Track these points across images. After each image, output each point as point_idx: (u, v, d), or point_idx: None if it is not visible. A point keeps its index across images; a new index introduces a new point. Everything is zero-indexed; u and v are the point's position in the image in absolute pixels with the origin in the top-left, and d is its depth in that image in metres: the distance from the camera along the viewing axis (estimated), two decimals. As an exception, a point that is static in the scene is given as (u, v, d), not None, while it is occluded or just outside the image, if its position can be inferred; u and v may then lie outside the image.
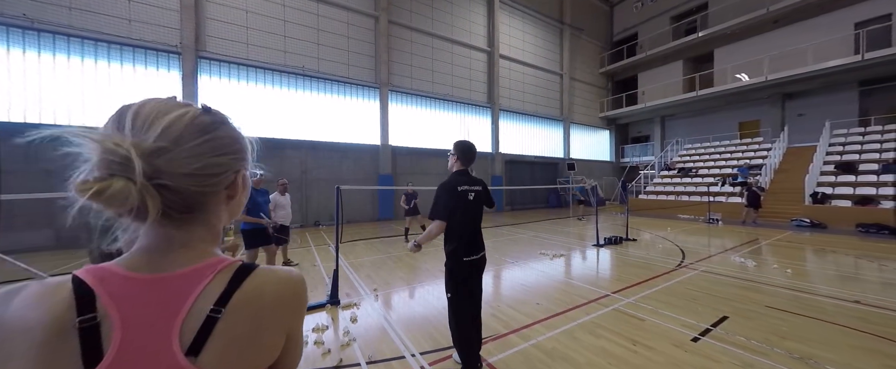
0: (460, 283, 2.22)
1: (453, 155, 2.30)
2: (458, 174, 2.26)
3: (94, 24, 8.21)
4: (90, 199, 0.39)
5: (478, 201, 2.25)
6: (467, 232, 2.18)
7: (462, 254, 2.15)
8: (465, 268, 2.19)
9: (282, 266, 3.98)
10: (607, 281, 4.45)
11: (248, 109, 10.26)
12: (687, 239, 7.74)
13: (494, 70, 15.80)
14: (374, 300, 3.83)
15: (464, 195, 2.16)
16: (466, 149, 2.27)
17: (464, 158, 2.26)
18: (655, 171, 17.34)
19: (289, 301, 0.51)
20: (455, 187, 2.15)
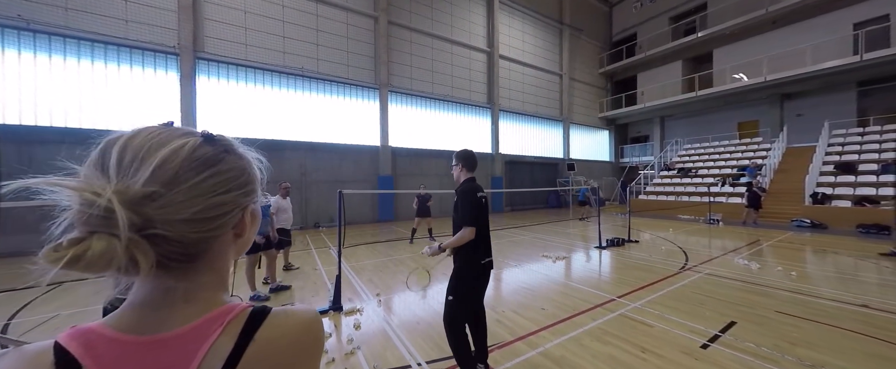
0: (471, 287, 2.22)
1: (457, 164, 2.34)
2: (471, 181, 2.32)
3: (91, 24, 8.12)
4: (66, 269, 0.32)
5: (487, 206, 2.32)
6: (485, 235, 2.25)
7: (481, 256, 2.21)
8: (481, 269, 2.23)
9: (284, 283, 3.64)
10: (612, 284, 4.42)
11: (246, 111, 10.17)
12: (689, 240, 7.72)
13: (494, 70, 15.77)
14: (377, 305, 3.78)
15: (481, 201, 2.23)
16: (470, 157, 2.34)
17: (469, 166, 2.33)
18: (655, 172, 17.36)
19: (308, 347, 0.45)
20: (476, 194, 2.21)
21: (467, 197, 2.17)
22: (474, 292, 2.25)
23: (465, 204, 2.16)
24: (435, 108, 14.20)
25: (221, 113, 9.79)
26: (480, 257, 2.20)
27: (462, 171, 2.32)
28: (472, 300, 2.25)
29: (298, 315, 0.46)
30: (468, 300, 2.22)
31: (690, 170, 15.55)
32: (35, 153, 7.45)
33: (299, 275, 5.17)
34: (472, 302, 2.25)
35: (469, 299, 2.22)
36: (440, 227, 9.55)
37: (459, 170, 2.33)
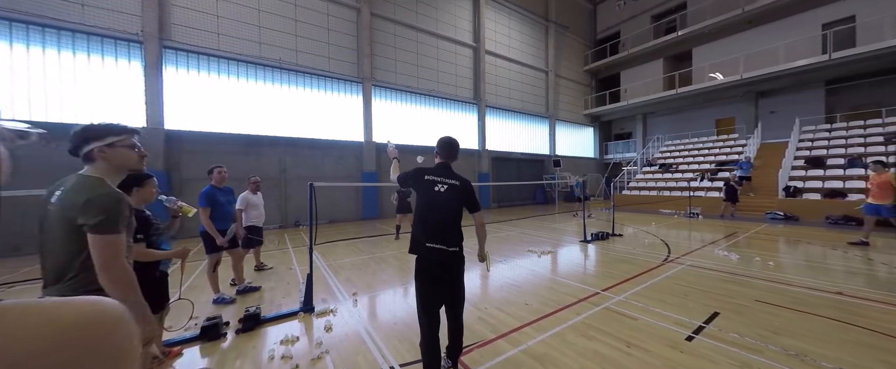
0: (422, 274, 2.04)
1: (435, 149, 2.31)
2: (438, 165, 2.25)
3: (40, 7, 7.43)
4: None
5: (450, 195, 2.11)
6: (431, 219, 2.06)
7: (423, 238, 2.03)
8: (426, 255, 2.02)
9: None
10: (596, 278, 4.35)
11: (220, 104, 9.63)
12: (670, 233, 7.83)
13: (480, 66, 15.63)
14: (352, 305, 3.55)
15: (430, 184, 2.13)
16: (444, 144, 2.25)
17: (441, 152, 2.25)
18: (638, 167, 17.70)
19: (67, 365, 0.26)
20: (423, 173, 2.16)
21: (416, 169, 2.22)
22: (423, 276, 2.05)
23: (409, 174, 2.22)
24: (420, 104, 13.94)
25: (192, 106, 9.23)
26: (424, 239, 2.03)
27: (435, 157, 2.29)
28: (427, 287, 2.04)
29: (55, 312, 0.27)
30: (420, 287, 2.05)
31: (671, 166, 15.92)
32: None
33: (271, 275, 4.86)
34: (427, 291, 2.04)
35: (421, 285, 2.05)
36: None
37: (433, 156, 2.31)
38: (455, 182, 2.14)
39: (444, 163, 2.23)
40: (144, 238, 2.10)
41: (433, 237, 2.02)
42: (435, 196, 2.08)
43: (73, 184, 1.26)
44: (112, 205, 1.23)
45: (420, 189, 2.12)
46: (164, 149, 8.65)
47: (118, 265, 1.21)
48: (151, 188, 2.21)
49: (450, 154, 2.22)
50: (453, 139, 2.26)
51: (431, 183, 2.11)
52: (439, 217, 2.06)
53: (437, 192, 2.09)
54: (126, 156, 1.40)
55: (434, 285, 2.03)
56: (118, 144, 1.35)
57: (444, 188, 2.11)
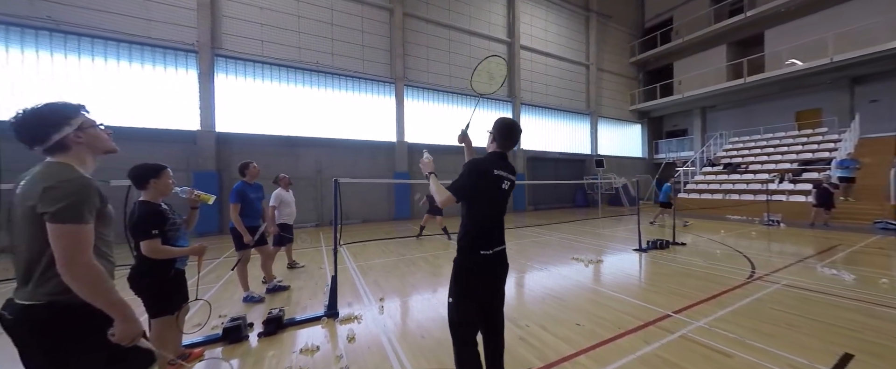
0: (468, 284, 1.69)
1: (490, 132, 1.84)
2: (495, 156, 1.80)
3: (116, 24, 8.31)
4: None
5: (508, 194, 1.79)
6: (489, 222, 1.71)
7: (479, 244, 1.67)
8: (481, 262, 1.67)
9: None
10: (663, 296, 3.62)
11: (263, 107, 10.13)
12: (747, 243, 6.61)
13: (515, 62, 14.96)
14: (378, 312, 3.26)
15: (498, 181, 1.71)
16: (507, 128, 1.79)
17: (502, 139, 1.80)
18: (696, 168, 15.75)
19: None
20: (490, 169, 1.70)
21: (473, 167, 1.68)
22: (474, 291, 1.69)
23: (463, 173, 1.67)
24: (452, 103, 13.64)
25: (239, 109, 9.79)
26: (479, 245, 1.67)
27: (491, 143, 1.84)
28: (475, 303, 1.69)
29: None
30: (469, 302, 1.67)
31: (739, 166, 13.90)
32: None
33: (302, 273, 4.79)
34: (474, 307, 1.69)
35: (470, 301, 1.68)
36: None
37: (489, 141, 1.85)
38: (514, 178, 1.81)
39: (501, 153, 1.81)
40: (160, 234, 1.95)
41: (494, 242, 1.71)
42: (499, 195, 1.72)
43: (37, 172, 1.07)
44: (75, 191, 1.02)
45: (487, 190, 1.69)
46: (215, 151, 9.24)
47: (81, 261, 1.01)
48: (167, 179, 2.07)
49: (511, 140, 1.79)
50: (516, 123, 1.81)
51: (499, 180, 1.71)
52: (498, 217, 1.77)
53: (502, 191, 1.73)
54: (98, 136, 1.19)
55: (485, 293, 1.74)
56: (86, 125, 1.15)
57: (507, 185, 1.74)
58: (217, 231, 8.92)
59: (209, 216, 8.80)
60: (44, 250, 1.02)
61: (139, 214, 1.92)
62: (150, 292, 1.94)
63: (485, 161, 1.74)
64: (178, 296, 2.09)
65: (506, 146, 1.79)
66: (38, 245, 1.02)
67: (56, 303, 1.03)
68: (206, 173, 9.00)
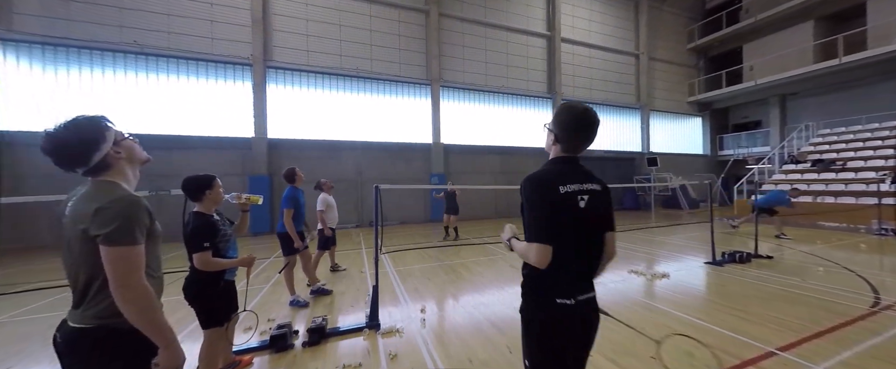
0: (543, 345, 1.19)
1: (549, 128, 1.29)
2: (560, 163, 1.26)
3: (186, 44, 9.29)
4: None
5: (593, 209, 1.20)
6: (565, 258, 1.16)
7: (553, 290, 1.17)
8: (559, 319, 1.17)
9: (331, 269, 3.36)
10: (760, 326, 2.98)
11: (308, 114, 10.68)
12: (857, 259, 5.42)
13: (555, 56, 14.16)
14: (420, 325, 3.11)
15: (569, 199, 1.17)
16: (574, 120, 1.22)
17: (567, 135, 1.23)
18: (774, 166, 13.61)
19: None
20: (553, 185, 1.17)
21: (532, 189, 1.18)
22: (556, 353, 1.20)
23: (528, 205, 1.18)
24: (489, 102, 13.29)
25: (287, 117, 10.44)
26: (556, 292, 1.17)
27: (553, 144, 1.29)
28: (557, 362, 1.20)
29: None
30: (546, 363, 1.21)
31: (834, 163, 11.71)
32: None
33: (344, 277, 4.84)
34: None
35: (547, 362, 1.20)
36: (471, 228, 8.62)
37: (550, 142, 1.30)
38: (596, 186, 1.24)
39: (568, 158, 1.26)
40: (211, 246, 1.96)
41: (576, 286, 1.19)
42: (579, 217, 1.18)
43: (85, 193, 1.05)
44: (127, 211, 0.99)
45: (557, 212, 1.17)
46: (267, 156, 9.94)
47: (135, 282, 0.99)
48: (219, 188, 2.09)
49: (582, 137, 1.23)
50: (587, 110, 1.22)
51: (571, 197, 1.18)
52: (584, 247, 1.21)
53: (579, 210, 1.19)
54: (133, 148, 1.15)
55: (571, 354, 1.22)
56: (119, 138, 1.10)
57: (585, 200, 1.20)
58: (269, 231, 9.56)
59: (261, 217, 9.45)
60: (98, 272, 1.00)
61: (193, 226, 1.94)
62: (200, 303, 1.96)
63: (543, 175, 1.22)
64: (228, 307, 2.10)
65: (574, 146, 1.23)
66: (91, 268, 1.00)
67: (104, 328, 1.00)
68: (258, 177, 9.70)
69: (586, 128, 1.21)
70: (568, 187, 1.18)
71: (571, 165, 1.25)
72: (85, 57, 8.44)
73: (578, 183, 1.20)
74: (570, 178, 1.20)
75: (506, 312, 3.40)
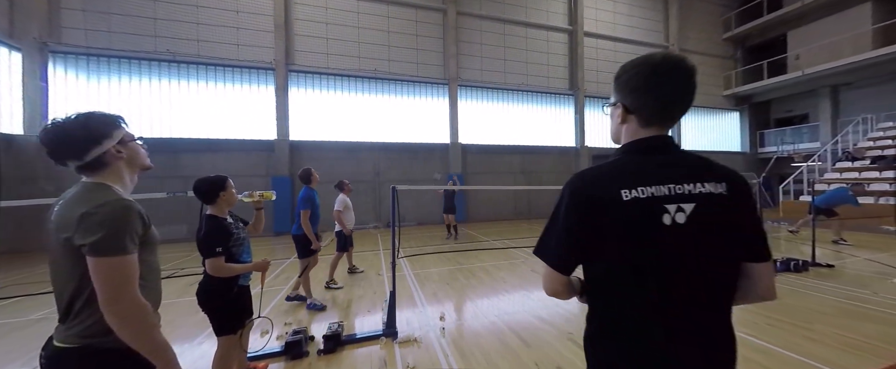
0: None
1: (615, 104, 0.82)
2: (633, 151, 0.78)
3: (214, 51, 9.68)
4: None
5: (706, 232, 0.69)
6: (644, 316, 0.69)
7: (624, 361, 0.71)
8: None
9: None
10: (832, 349, 2.57)
11: (328, 115, 10.83)
12: (937, 269, 4.71)
13: (577, 51, 13.61)
14: (439, 334, 2.95)
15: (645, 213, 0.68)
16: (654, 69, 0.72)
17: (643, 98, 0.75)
18: (826, 163, 12.37)
19: None
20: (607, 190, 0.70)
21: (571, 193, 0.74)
22: None
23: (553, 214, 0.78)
24: (508, 101, 12.97)
25: (308, 119, 10.64)
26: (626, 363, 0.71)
27: (619, 119, 0.82)
28: None
29: None
30: None
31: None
32: (181, 160, 9.17)
33: (362, 280, 4.77)
34: None
35: None
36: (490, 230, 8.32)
37: (617, 123, 0.83)
38: (711, 188, 0.71)
39: (654, 140, 0.77)
40: (224, 250, 1.89)
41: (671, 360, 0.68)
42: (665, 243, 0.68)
43: (72, 196, 0.95)
44: (115, 217, 0.89)
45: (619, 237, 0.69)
46: (288, 158, 10.17)
47: (127, 297, 0.88)
48: (232, 188, 2.03)
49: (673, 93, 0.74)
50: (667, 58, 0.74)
51: (647, 208, 0.69)
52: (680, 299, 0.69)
53: (672, 232, 0.68)
54: (138, 151, 1.07)
55: None
56: (127, 139, 1.04)
57: (684, 212, 0.69)
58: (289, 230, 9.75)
59: (284, 216, 9.66)
60: (84, 286, 0.90)
61: (206, 231, 1.88)
62: (213, 309, 1.89)
63: (592, 174, 0.75)
64: (242, 314, 2.03)
65: (658, 112, 0.75)
66: (77, 280, 0.91)
67: (90, 348, 0.90)
68: (281, 178, 9.93)
69: (673, 79, 0.71)
70: (640, 191, 0.67)
71: (654, 153, 0.74)
72: (124, 66, 8.98)
73: (667, 181, 0.69)
74: (649, 176, 0.69)
75: (530, 322, 3.18)
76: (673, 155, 0.76)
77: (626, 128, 0.81)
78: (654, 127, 0.77)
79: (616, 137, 0.86)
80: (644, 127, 0.77)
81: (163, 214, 8.83)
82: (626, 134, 0.81)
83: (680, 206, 0.69)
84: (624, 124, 0.81)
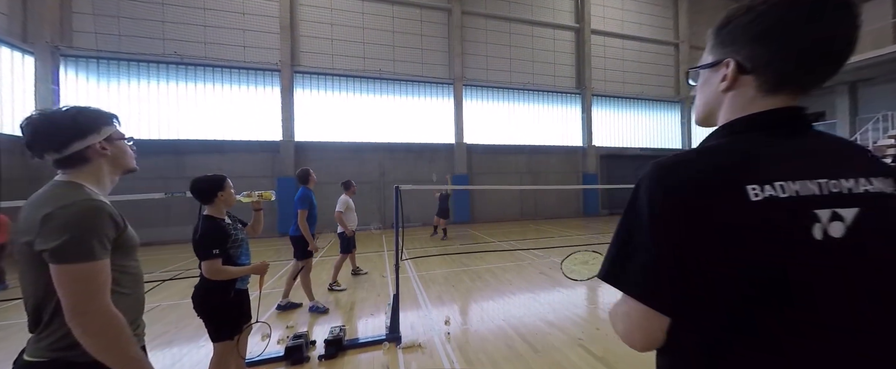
0: None
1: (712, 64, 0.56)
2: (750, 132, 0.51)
3: (221, 53, 9.76)
4: None
5: (883, 256, 0.44)
6: None
7: None
8: None
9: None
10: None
11: (333, 116, 10.83)
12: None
13: (584, 49, 13.40)
14: (444, 338, 2.85)
15: (787, 221, 0.43)
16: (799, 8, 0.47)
17: (778, 52, 0.48)
18: (845, 162, 11.89)
19: None
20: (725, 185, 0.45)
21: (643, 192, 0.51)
22: None
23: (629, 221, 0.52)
24: (514, 100, 12.82)
25: (313, 120, 10.65)
26: None
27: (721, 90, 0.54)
28: None
29: None
30: None
31: (924, 158, 10.00)
32: (186, 161, 9.25)
33: (365, 282, 4.70)
34: None
35: None
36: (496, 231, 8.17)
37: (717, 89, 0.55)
38: (881, 186, 0.47)
39: (787, 111, 0.51)
40: (221, 252, 1.82)
41: None
42: (821, 268, 0.43)
43: (38, 195, 0.87)
44: (79, 220, 0.81)
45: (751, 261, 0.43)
46: (294, 159, 10.19)
47: (95, 308, 0.80)
48: (231, 188, 1.96)
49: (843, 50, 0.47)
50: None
51: (792, 214, 0.44)
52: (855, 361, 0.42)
53: (826, 249, 0.43)
54: (125, 151, 1.00)
55: None
56: (116, 137, 0.97)
57: (845, 224, 0.44)
58: (296, 231, 9.76)
59: (288, 217, 9.66)
60: (49, 295, 0.82)
61: (202, 231, 1.81)
62: (209, 314, 1.82)
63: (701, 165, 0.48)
64: (239, 319, 1.95)
65: (790, 75, 0.50)
66: (42, 289, 0.83)
67: (60, 362, 0.82)
68: (286, 179, 9.94)
69: (834, 13, 0.46)
70: (779, 188, 0.45)
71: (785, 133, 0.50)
72: (133, 69, 9.10)
73: (814, 175, 0.46)
74: (787, 167, 0.47)
75: (539, 326, 3.06)
76: (813, 137, 0.51)
77: (734, 97, 0.53)
78: (785, 93, 0.51)
79: (709, 113, 0.59)
80: (769, 93, 0.51)
81: (170, 216, 8.93)
82: (734, 106, 0.53)
83: (836, 212, 0.44)
84: (731, 91, 0.53)
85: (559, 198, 13.24)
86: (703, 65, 0.58)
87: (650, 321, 0.48)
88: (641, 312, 0.48)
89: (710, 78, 0.57)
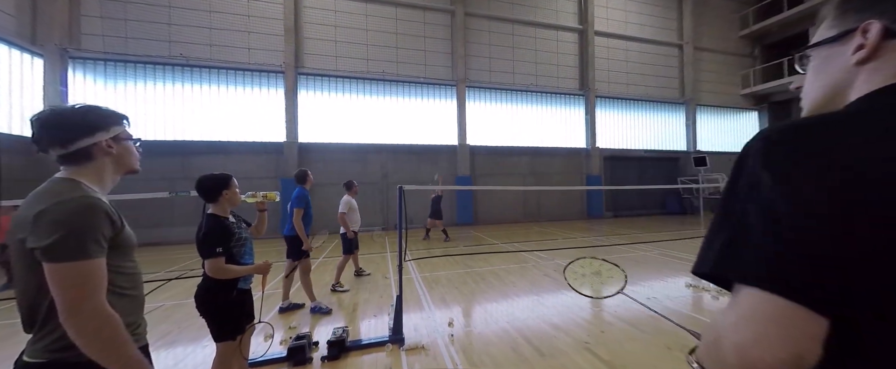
0: None
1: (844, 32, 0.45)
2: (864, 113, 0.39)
3: (227, 55, 9.84)
4: None
5: None
6: None
7: None
8: None
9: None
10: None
11: (336, 118, 10.87)
12: None
13: (588, 50, 13.36)
14: (448, 341, 2.82)
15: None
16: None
17: None
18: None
19: None
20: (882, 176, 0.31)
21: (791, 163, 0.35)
22: None
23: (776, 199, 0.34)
24: (517, 101, 12.80)
25: (317, 121, 10.70)
26: None
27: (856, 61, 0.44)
28: None
29: None
30: None
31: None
32: (192, 162, 9.31)
33: (368, 283, 4.68)
34: None
35: None
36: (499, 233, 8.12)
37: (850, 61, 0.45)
38: None
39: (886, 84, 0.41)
40: (224, 251, 1.81)
41: None
42: None
43: (35, 192, 0.86)
44: (73, 218, 0.79)
45: None
46: (298, 160, 10.22)
47: (90, 309, 0.78)
48: (236, 187, 1.95)
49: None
50: None
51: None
52: None
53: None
54: (130, 151, 1.01)
55: None
56: (123, 136, 0.97)
57: None
58: (299, 232, 9.78)
59: (293, 219, 9.68)
60: (43, 294, 0.81)
61: (206, 230, 1.80)
62: (212, 314, 1.81)
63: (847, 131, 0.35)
64: (242, 319, 1.94)
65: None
66: (35, 288, 0.81)
67: (59, 363, 0.80)
68: (290, 180, 9.88)
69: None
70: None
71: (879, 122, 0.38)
72: (140, 71, 9.21)
73: None
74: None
75: (544, 329, 3.02)
76: None
77: (875, 69, 0.43)
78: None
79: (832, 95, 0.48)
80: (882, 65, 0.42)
81: (175, 216, 8.98)
82: (874, 79, 0.43)
83: None
84: (870, 63, 0.43)
85: (563, 200, 13.16)
86: (826, 39, 0.47)
87: (802, 322, 0.31)
88: (790, 311, 0.31)
89: (832, 54, 0.47)
